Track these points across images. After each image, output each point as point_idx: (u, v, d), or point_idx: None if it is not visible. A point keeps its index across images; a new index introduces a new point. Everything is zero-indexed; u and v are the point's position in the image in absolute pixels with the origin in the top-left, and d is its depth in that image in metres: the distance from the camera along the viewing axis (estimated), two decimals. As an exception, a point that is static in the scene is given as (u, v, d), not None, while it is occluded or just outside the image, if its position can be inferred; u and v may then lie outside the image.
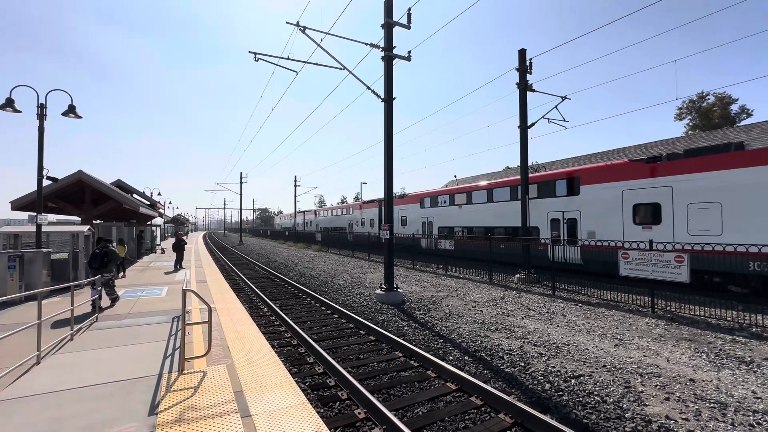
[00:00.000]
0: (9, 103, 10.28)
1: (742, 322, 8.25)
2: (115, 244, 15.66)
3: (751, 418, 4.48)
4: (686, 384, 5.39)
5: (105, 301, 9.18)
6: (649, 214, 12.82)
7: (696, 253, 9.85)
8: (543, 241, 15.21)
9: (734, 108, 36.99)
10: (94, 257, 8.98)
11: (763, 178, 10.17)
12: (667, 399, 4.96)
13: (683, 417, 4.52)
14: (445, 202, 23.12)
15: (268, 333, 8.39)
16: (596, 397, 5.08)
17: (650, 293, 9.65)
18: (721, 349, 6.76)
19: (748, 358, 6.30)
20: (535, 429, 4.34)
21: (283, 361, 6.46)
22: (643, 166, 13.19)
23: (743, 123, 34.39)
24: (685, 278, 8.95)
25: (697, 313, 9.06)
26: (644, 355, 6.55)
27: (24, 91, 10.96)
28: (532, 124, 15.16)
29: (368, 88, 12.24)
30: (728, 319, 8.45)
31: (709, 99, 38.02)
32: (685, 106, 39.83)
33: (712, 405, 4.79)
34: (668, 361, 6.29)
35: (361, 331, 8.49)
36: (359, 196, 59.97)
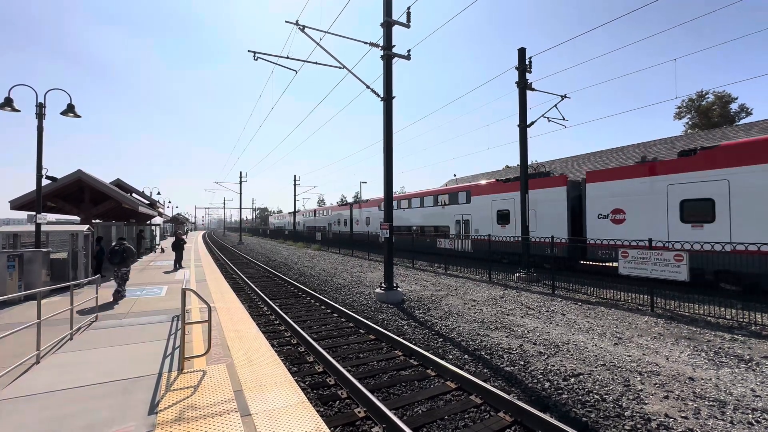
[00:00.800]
0: (8, 103, 10.26)
1: (741, 320, 8.26)
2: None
3: (750, 416, 4.49)
4: (685, 382, 5.40)
5: (108, 297, 9.61)
6: (504, 216, 18.86)
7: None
8: (451, 236, 21.53)
9: (734, 107, 36.99)
10: (114, 253, 9.80)
11: (550, 197, 16.71)
12: (667, 397, 4.97)
13: (682, 415, 4.53)
14: (396, 206, 28.03)
15: (268, 332, 8.39)
16: (596, 396, 5.09)
17: (649, 292, 9.66)
18: (720, 348, 6.78)
19: (747, 357, 6.32)
20: (534, 427, 4.35)
21: (282, 360, 6.46)
22: (503, 184, 19.20)
23: (743, 122, 34.41)
24: (685, 277, 8.97)
25: (697, 311, 9.08)
26: (643, 354, 6.56)
27: (23, 90, 10.94)
28: (532, 123, 15.15)
29: (368, 87, 12.23)
30: (727, 317, 8.46)
31: (708, 98, 38.03)
32: (684, 104, 39.84)
33: (711, 403, 4.80)
34: (667, 359, 6.30)
35: (360, 330, 8.50)
36: (359, 195, 60.47)
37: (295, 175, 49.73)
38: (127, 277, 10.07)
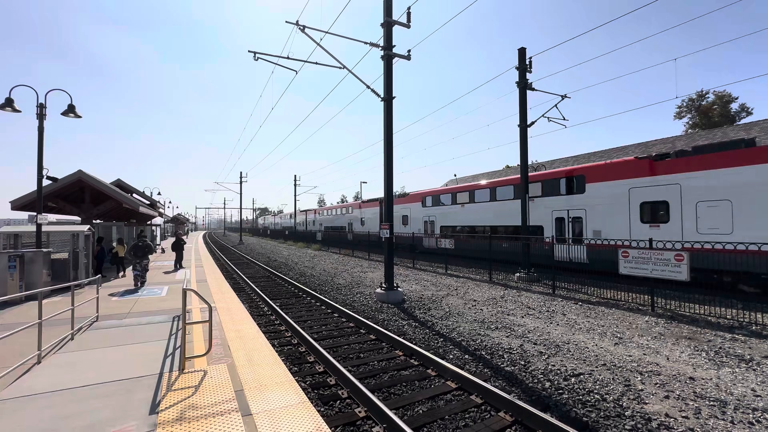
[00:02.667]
0: (8, 103, 10.27)
1: (742, 320, 8.26)
2: (115, 243, 15.71)
3: (751, 416, 4.49)
4: (686, 382, 5.40)
5: (130, 283, 12.07)
6: (364, 221, 32.87)
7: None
8: (357, 230, 33.36)
9: (734, 106, 37.00)
10: (137, 248, 11.85)
11: (377, 211, 30.76)
12: (667, 397, 4.97)
13: (683, 415, 4.53)
14: (326, 213, 46.07)
15: (269, 332, 8.40)
16: (596, 396, 5.09)
17: (650, 291, 9.66)
18: (720, 347, 6.77)
19: (748, 356, 6.32)
20: (535, 427, 4.35)
21: (283, 360, 6.46)
22: (364, 203, 33.68)
23: (743, 121, 34.39)
24: (685, 276, 8.96)
25: (697, 311, 9.07)
26: (644, 354, 6.56)
27: (23, 91, 10.95)
28: (532, 123, 15.15)
29: (368, 87, 12.23)
30: (728, 317, 8.46)
31: (708, 97, 38.01)
32: (684, 104, 39.84)
33: (711, 403, 4.80)
34: (668, 359, 6.30)
35: (361, 330, 8.50)
36: (359, 195, 61.56)
37: (295, 176, 49.82)
38: (148, 268, 12.13)
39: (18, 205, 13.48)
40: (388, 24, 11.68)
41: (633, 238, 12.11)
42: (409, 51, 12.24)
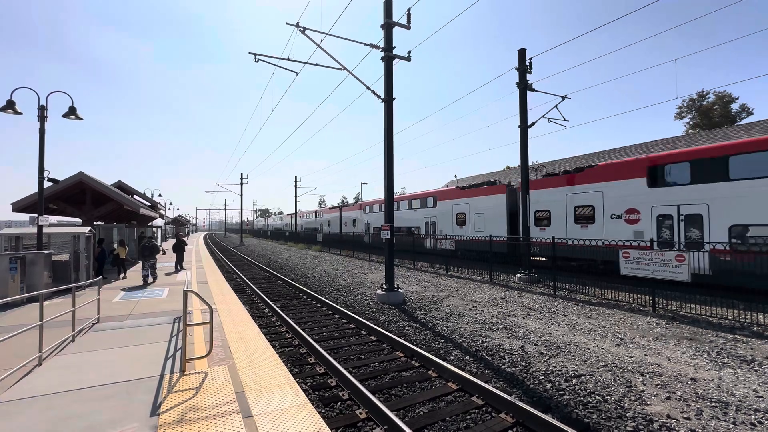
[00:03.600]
0: (10, 105, 10.30)
1: (744, 320, 8.24)
2: (116, 245, 15.74)
3: (753, 417, 4.48)
4: (687, 383, 5.39)
5: (138, 280, 12.97)
6: (329, 223, 42.36)
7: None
8: (325, 231, 41.70)
9: (734, 107, 36.97)
10: (145, 248, 12.75)
11: (335, 215, 41.04)
12: (669, 398, 4.96)
13: (684, 416, 4.52)
14: (305, 217, 51.98)
15: (269, 333, 8.39)
16: (597, 397, 5.08)
17: (651, 292, 9.65)
18: (722, 348, 6.76)
19: (750, 357, 6.30)
20: (536, 428, 4.34)
21: (284, 361, 6.46)
22: (330, 209, 44.91)
23: (744, 122, 34.38)
24: (686, 277, 8.95)
25: (698, 312, 9.05)
26: (645, 355, 6.54)
27: (24, 93, 10.98)
28: (532, 124, 15.15)
29: (368, 88, 12.25)
30: (729, 318, 8.44)
31: (709, 98, 38.00)
32: (685, 104, 39.83)
33: (713, 404, 4.79)
34: (669, 360, 6.29)
35: (362, 332, 8.49)
36: (360, 196, 61.96)
37: (295, 177, 49.83)
38: (156, 266, 13.14)
39: (19, 206, 13.51)
40: (389, 25, 11.70)
41: (453, 234, 21.40)
42: (409, 52, 12.26)
